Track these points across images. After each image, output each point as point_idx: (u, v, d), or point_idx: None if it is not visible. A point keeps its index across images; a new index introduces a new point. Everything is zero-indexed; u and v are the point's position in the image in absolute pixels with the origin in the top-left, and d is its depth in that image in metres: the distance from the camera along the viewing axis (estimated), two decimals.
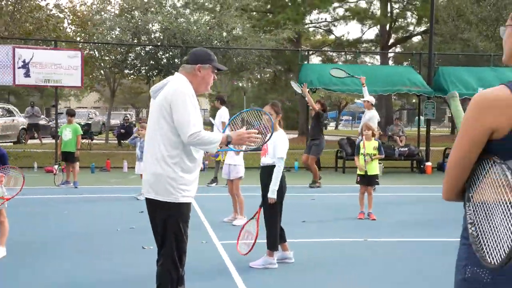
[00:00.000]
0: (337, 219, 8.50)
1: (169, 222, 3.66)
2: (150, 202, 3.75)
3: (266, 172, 5.53)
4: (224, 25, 17.06)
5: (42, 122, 26.80)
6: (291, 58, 23.13)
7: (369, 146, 8.46)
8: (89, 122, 29.01)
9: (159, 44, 16.06)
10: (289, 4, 24.77)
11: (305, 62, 16.22)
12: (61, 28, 18.77)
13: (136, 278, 5.27)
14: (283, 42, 17.50)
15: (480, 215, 1.96)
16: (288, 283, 5.22)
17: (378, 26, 29.44)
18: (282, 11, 24.01)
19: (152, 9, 16.41)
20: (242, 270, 5.44)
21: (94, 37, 17.76)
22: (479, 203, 1.98)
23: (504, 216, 1.85)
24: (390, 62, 31.45)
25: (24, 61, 14.55)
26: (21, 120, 23.85)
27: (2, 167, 5.76)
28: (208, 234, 7.10)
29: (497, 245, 1.83)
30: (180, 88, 3.62)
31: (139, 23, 15.83)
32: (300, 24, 22.72)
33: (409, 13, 30.37)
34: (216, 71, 3.88)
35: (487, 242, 1.89)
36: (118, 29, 16.68)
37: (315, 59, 31.70)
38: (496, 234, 1.85)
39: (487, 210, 1.93)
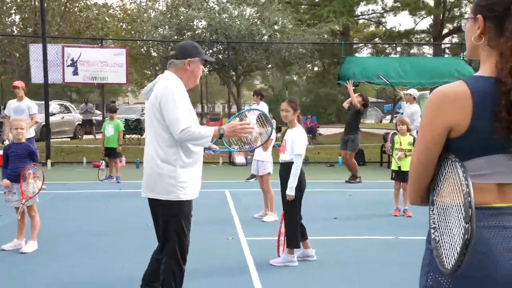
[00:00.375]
0: (371, 216, 8.33)
1: (171, 221, 3.69)
2: (151, 202, 3.79)
3: (285, 169, 5.49)
4: (266, 20, 17.02)
5: (96, 118, 27.72)
6: (339, 51, 22.81)
7: (404, 141, 8.25)
8: (140, 117, 29.64)
9: (201, 40, 16.20)
10: None
11: (350, 56, 15.93)
12: (109, 26, 19.24)
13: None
14: (326, 35, 17.26)
15: (442, 218, 1.88)
16: (304, 282, 5.15)
17: (432, 16, 28.57)
18: (329, 4, 23.66)
19: (194, 5, 16.53)
20: (261, 268, 5.42)
21: (142, 35, 18.13)
22: (440, 206, 1.90)
23: (457, 218, 1.76)
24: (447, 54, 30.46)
25: (72, 60, 15.08)
26: (77, 116, 24.77)
27: (32, 164, 5.97)
28: (236, 231, 7.12)
29: (452, 250, 1.76)
30: (169, 85, 3.64)
31: (182, 19, 15.99)
32: (346, 16, 22.28)
33: (464, 2, 29.29)
34: (204, 62, 3.90)
35: (445, 246, 1.81)
36: (164, 27, 16.92)
37: (364, 52, 31.13)
38: (452, 238, 1.78)
39: (446, 213, 1.85)
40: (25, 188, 5.81)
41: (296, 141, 5.38)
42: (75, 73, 15.07)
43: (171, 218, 3.69)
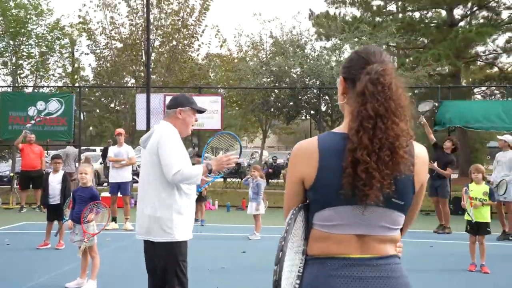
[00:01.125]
0: (444, 270, 7.83)
1: (169, 262, 3.85)
2: (147, 244, 3.99)
3: None
4: None
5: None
6: (445, 95, 21.98)
7: (478, 190, 7.75)
8: (242, 162, 30.34)
9: (294, 87, 16.51)
10: (444, 39, 23.62)
11: (446, 100, 15.30)
12: (211, 76, 20.29)
13: None
14: (423, 79, 16.76)
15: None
16: None
17: None
18: (434, 47, 23.02)
19: (288, 54, 16.97)
20: None
21: (242, 82, 18.88)
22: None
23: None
24: None
25: None
26: None
27: (94, 203, 6.44)
28: None
29: None
30: (164, 134, 3.89)
31: (276, 68, 16.47)
32: (452, 59, 21.49)
33: None
34: (196, 112, 4.10)
35: None
36: (262, 75, 17.48)
37: (476, 96, 29.53)
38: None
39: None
40: (85, 228, 6.28)
41: None
42: None
43: (168, 259, 3.85)
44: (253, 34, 23.64)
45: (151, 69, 17.01)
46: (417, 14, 26.61)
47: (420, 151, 2.07)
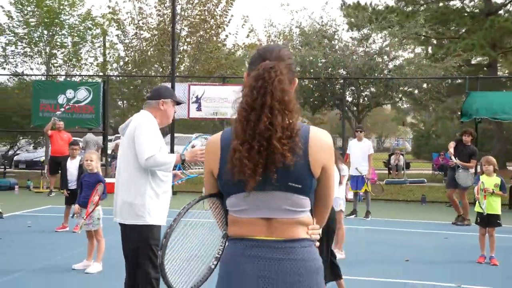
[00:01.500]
0: (451, 261, 7.73)
1: (141, 245, 3.96)
2: (122, 227, 4.10)
3: None
4: (386, 56, 16.77)
5: None
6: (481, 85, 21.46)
7: (490, 182, 7.61)
8: None
9: (319, 78, 16.42)
10: (480, 29, 23.00)
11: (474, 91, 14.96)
12: (236, 66, 20.35)
13: None
14: (452, 70, 16.39)
15: None
16: None
17: None
18: (468, 37, 22.46)
19: (315, 44, 16.86)
20: None
21: None
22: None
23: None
24: None
25: (196, 97, 16.24)
26: None
27: (99, 185, 6.58)
28: None
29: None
30: (141, 122, 3.98)
31: (300, 58, 16.41)
32: (487, 49, 20.92)
33: None
34: (176, 104, 4.17)
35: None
36: None
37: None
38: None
39: None
40: (90, 211, 6.48)
41: None
42: (199, 109, 16.19)
43: (141, 243, 3.95)
44: (281, 25, 23.57)
45: (177, 59, 17.22)
46: (452, 3, 26.00)
47: (317, 136, 2.14)
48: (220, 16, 18.87)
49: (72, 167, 9.23)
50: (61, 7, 21.14)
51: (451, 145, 11.31)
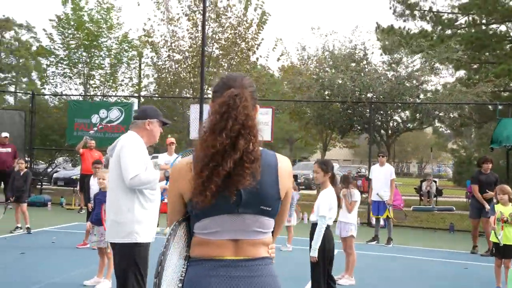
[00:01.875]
0: None
1: (128, 263, 4.08)
2: (112, 246, 4.24)
3: (313, 230, 5.51)
4: (415, 80, 16.64)
5: None
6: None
7: (505, 211, 7.46)
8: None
9: (345, 101, 16.40)
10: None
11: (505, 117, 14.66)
12: (267, 88, 20.51)
13: None
14: (483, 95, 16.09)
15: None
16: None
17: None
18: (505, 61, 22.00)
19: (342, 67, 16.87)
20: None
21: (294, 96, 19.03)
22: None
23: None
24: None
25: None
26: None
27: None
28: None
29: None
30: (127, 143, 4.12)
31: (326, 81, 16.46)
32: None
33: None
34: (162, 125, 4.31)
35: None
36: (312, 88, 17.50)
37: None
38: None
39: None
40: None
41: (321, 203, 5.41)
42: None
43: (128, 260, 4.07)
44: (311, 48, 23.66)
45: (209, 80, 17.51)
46: (493, 26, 25.53)
47: (284, 164, 2.31)
48: (251, 39, 19.13)
49: (94, 184, 9.48)
50: (100, 29, 21.89)
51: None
